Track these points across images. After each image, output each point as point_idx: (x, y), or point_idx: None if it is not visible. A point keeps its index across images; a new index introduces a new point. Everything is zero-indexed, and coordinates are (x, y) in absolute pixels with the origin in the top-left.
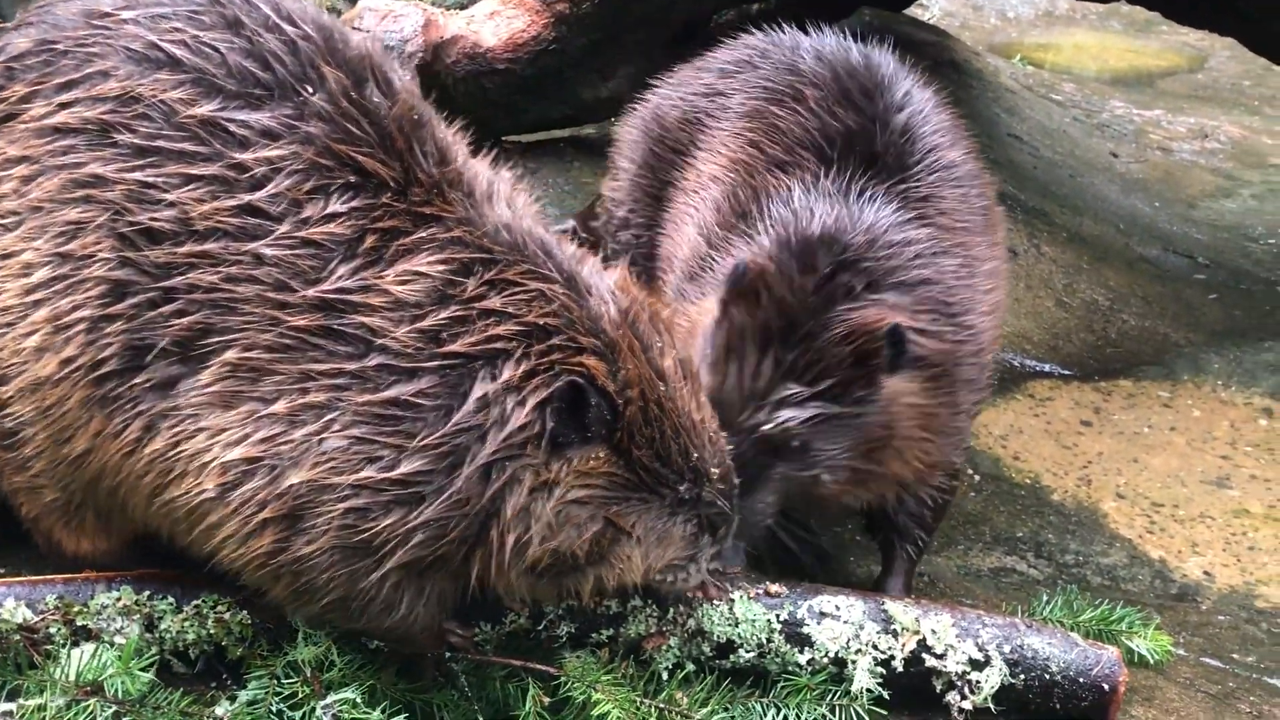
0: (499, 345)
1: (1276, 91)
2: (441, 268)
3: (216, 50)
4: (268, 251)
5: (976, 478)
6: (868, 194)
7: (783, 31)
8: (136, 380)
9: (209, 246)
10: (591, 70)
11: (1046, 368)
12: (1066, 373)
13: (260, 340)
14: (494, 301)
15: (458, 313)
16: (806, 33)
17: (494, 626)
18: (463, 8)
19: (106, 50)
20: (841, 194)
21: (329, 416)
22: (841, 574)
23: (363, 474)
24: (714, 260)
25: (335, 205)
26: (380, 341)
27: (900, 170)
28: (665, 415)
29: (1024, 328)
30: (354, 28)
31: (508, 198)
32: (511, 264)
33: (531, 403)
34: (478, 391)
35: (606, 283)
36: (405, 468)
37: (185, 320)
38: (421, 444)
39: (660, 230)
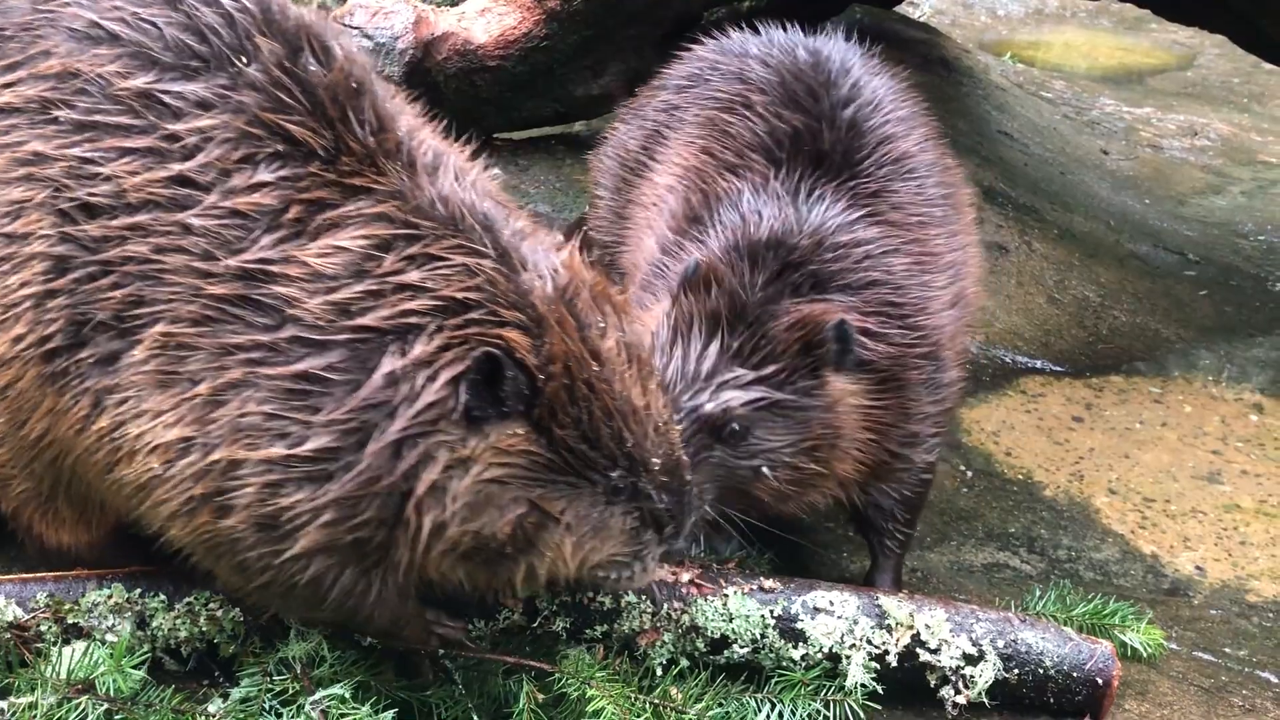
0: (412, 320)
1: (1266, 89)
2: (363, 242)
3: (154, 25)
4: (195, 221)
5: (969, 474)
6: (815, 194)
7: (733, 38)
8: (81, 355)
9: (141, 218)
10: (583, 67)
11: (1038, 364)
12: (1058, 369)
13: (184, 312)
14: (411, 276)
15: (371, 286)
16: (758, 32)
17: (488, 623)
18: (454, 4)
19: (49, 31)
20: (790, 195)
21: (246, 393)
22: (835, 569)
23: (272, 450)
24: (668, 266)
25: (263, 174)
26: (293, 312)
27: (848, 167)
28: (596, 396)
29: (1016, 324)
30: (344, 24)
31: (456, 169)
32: (439, 239)
33: (444, 377)
34: (385, 367)
35: (549, 260)
36: (312, 444)
37: (120, 293)
38: (327, 419)
39: (621, 253)
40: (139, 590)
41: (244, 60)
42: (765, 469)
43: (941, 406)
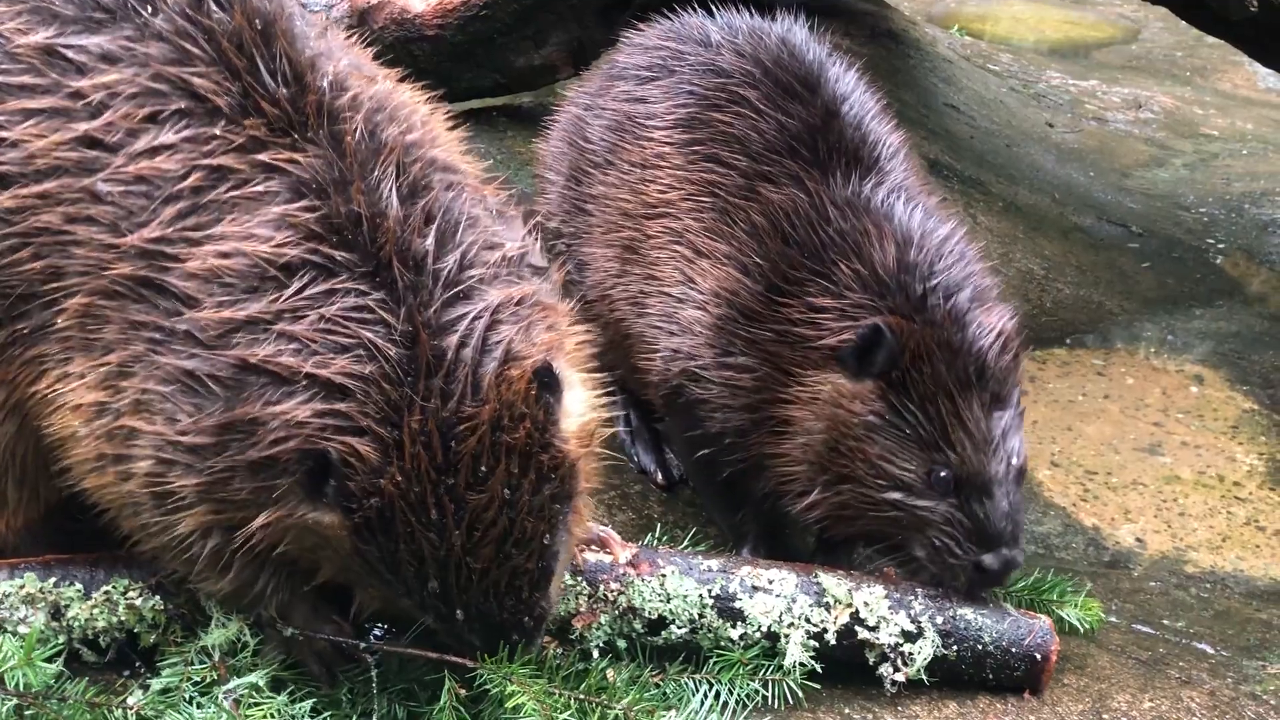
0: (285, 375)
1: (1208, 62)
2: (266, 250)
3: None
4: (103, 188)
5: None
6: (880, 198)
7: (687, 22)
8: (19, 326)
9: (49, 185)
10: (524, 37)
11: None
12: None
13: (96, 286)
14: (301, 327)
15: (263, 313)
16: (711, 14)
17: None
18: None
19: None
20: (864, 205)
21: (148, 369)
22: (779, 547)
23: (162, 430)
24: (786, 306)
25: (166, 135)
26: (189, 312)
27: (875, 164)
28: (410, 540)
29: None
30: None
31: (399, 154)
32: (348, 293)
33: (293, 444)
34: (249, 407)
35: (482, 365)
36: (191, 438)
37: (39, 264)
38: (202, 420)
39: (582, 244)
40: (54, 580)
41: (149, 10)
42: None
43: None
